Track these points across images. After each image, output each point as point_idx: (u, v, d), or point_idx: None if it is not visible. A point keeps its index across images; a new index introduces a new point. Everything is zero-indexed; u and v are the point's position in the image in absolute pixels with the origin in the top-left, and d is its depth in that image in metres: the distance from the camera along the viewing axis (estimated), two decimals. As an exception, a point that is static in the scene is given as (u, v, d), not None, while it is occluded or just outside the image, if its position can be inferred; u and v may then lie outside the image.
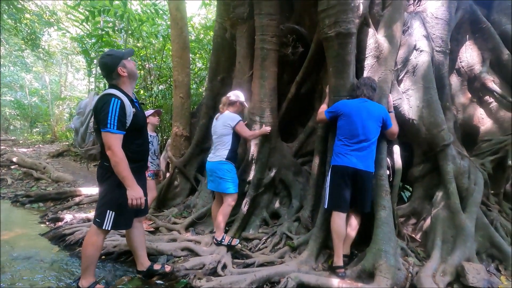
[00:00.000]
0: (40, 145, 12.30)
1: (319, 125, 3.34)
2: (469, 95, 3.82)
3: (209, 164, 3.16)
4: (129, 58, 2.31)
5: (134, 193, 2.12)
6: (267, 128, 3.36)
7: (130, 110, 2.17)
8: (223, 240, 3.05)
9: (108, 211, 2.22)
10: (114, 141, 2.08)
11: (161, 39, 7.94)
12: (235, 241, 3.06)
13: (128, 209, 2.23)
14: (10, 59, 15.94)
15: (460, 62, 3.83)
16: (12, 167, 7.30)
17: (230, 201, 3.08)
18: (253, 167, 3.58)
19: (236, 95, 3.21)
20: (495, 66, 3.73)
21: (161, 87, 8.38)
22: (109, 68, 2.24)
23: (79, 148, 2.61)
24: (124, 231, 3.44)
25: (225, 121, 3.08)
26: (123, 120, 2.12)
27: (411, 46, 3.28)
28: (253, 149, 3.59)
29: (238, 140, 3.19)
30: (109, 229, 2.25)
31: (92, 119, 2.37)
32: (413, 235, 3.22)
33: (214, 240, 3.09)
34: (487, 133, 3.67)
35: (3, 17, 9.51)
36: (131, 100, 2.23)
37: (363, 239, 2.96)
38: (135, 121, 2.22)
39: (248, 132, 3.19)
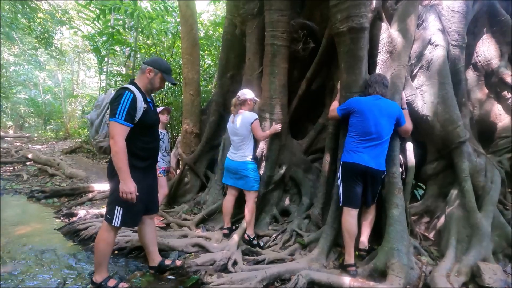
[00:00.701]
0: (54, 142, 12.60)
1: (330, 122, 3.30)
2: (486, 91, 3.71)
3: (233, 163, 3.23)
4: (163, 80, 2.39)
5: (126, 188, 2.12)
6: (277, 127, 3.36)
7: (141, 105, 2.19)
8: (254, 239, 3.17)
9: (117, 207, 2.24)
10: (119, 130, 2.10)
11: (170, 36, 7.98)
12: (261, 242, 3.21)
13: (136, 207, 2.26)
14: (24, 57, 16.31)
15: (477, 56, 3.71)
16: (28, 163, 7.51)
17: (254, 198, 3.21)
18: (263, 164, 3.57)
19: (244, 93, 3.24)
20: (514, 60, 3.61)
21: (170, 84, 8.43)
22: (147, 62, 2.35)
23: (92, 139, 2.68)
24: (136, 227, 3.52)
25: (245, 122, 3.13)
26: (132, 113, 2.14)
27: (425, 41, 3.20)
28: (263, 146, 3.58)
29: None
30: (118, 225, 2.27)
31: (108, 111, 2.43)
32: (426, 234, 3.16)
33: (246, 236, 3.17)
34: (504, 130, 3.56)
35: (17, 16, 9.71)
36: (144, 98, 2.26)
37: (375, 238, 2.92)
38: (144, 117, 2.22)
39: (261, 133, 3.21)
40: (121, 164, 2.11)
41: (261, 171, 3.56)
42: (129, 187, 2.13)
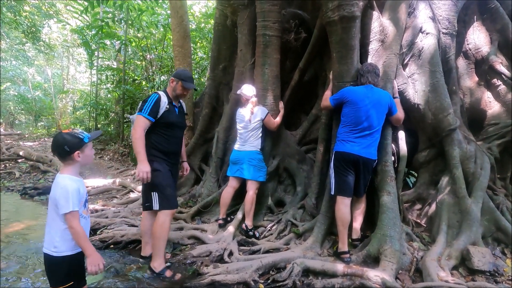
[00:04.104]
0: (46, 139, 12.41)
1: (323, 113, 3.31)
2: (476, 78, 3.74)
3: (241, 153, 3.31)
4: (184, 87, 2.68)
5: (142, 167, 2.39)
6: (281, 106, 3.56)
7: (164, 104, 2.55)
8: (253, 230, 3.20)
9: (152, 193, 2.52)
10: (141, 122, 2.46)
11: (161, 29, 7.86)
12: (257, 233, 3.25)
13: (167, 190, 2.50)
14: (12, 53, 15.90)
15: (468, 44, 3.73)
16: (19, 160, 7.40)
17: (256, 189, 3.26)
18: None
19: (244, 93, 3.32)
20: (504, 47, 3.62)
21: (163, 77, 8.34)
22: (173, 74, 2.76)
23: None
24: (132, 221, 3.52)
25: (255, 115, 3.28)
26: (155, 110, 2.49)
27: (416, 29, 3.20)
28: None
29: (266, 130, 3.40)
30: (158, 209, 2.50)
31: None
32: (418, 221, 3.23)
33: (244, 226, 3.19)
34: (494, 117, 3.60)
35: (2, 10, 9.44)
36: (170, 102, 2.63)
37: (369, 225, 2.97)
38: (166, 115, 2.56)
39: (274, 123, 3.38)
40: (139, 149, 2.42)
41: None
42: (144, 166, 2.40)
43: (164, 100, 2.57)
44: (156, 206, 2.52)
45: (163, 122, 2.57)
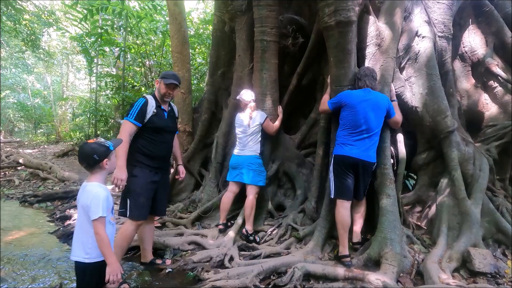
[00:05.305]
0: (45, 146, 12.41)
1: (321, 116, 3.33)
2: (473, 81, 3.77)
3: (240, 157, 3.32)
4: (166, 85, 2.60)
5: (119, 174, 2.30)
6: (279, 111, 3.59)
7: (151, 109, 2.51)
8: (253, 235, 3.19)
9: (127, 199, 2.46)
10: (126, 127, 2.43)
11: (160, 35, 7.92)
12: (257, 238, 3.24)
13: (140, 200, 2.43)
14: (11, 61, 15.98)
15: (463, 47, 3.77)
16: (19, 168, 7.39)
17: (256, 193, 3.25)
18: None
19: (243, 98, 3.34)
20: (499, 50, 3.67)
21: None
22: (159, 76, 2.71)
23: None
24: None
25: (254, 120, 3.30)
26: (141, 115, 2.46)
27: (412, 33, 3.24)
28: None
29: (265, 135, 3.41)
30: (128, 217, 2.42)
31: None
32: (419, 223, 3.22)
33: (245, 231, 3.18)
34: (492, 119, 3.63)
35: (2, 19, 9.51)
36: (158, 105, 2.59)
37: (369, 228, 2.97)
38: (153, 119, 2.52)
39: (272, 127, 3.40)
40: (121, 153, 2.34)
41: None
42: (121, 173, 2.31)
43: (151, 104, 2.53)
44: (128, 213, 2.45)
45: (151, 127, 2.53)
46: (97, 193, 1.69)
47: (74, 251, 1.72)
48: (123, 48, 8.15)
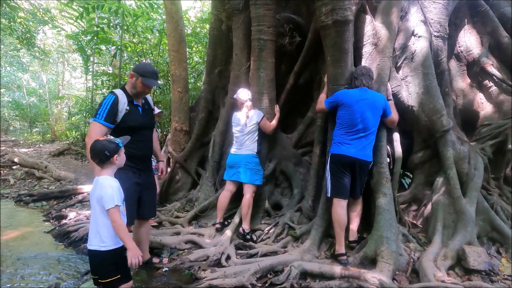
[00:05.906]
0: (41, 145, 12.32)
1: (318, 115, 3.33)
2: (469, 80, 3.80)
3: (237, 156, 3.32)
4: (144, 84, 2.36)
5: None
6: (276, 110, 3.58)
7: (123, 107, 2.27)
8: (250, 234, 3.18)
9: None
10: (96, 129, 2.20)
11: (157, 34, 7.88)
12: (254, 237, 3.23)
13: (126, 205, 2.23)
14: (6, 59, 15.81)
15: (459, 46, 3.79)
16: (14, 167, 7.33)
17: (253, 192, 3.26)
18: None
19: (239, 97, 3.33)
20: (494, 49, 3.70)
21: (159, 82, 8.33)
22: (133, 68, 2.45)
23: None
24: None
25: (251, 119, 3.30)
26: (112, 114, 2.22)
27: (409, 32, 3.25)
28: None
29: (262, 134, 3.42)
30: None
31: None
32: (414, 222, 3.25)
33: (241, 230, 3.17)
34: (487, 118, 3.66)
35: (-3, 16, 9.41)
36: (130, 101, 2.34)
37: (365, 227, 2.98)
38: (126, 119, 2.29)
39: (269, 126, 3.41)
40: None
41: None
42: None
43: (123, 101, 2.26)
44: None
45: (125, 127, 2.26)
46: (110, 184, 1.79)
47: (91, 240, 1.82)
48: (119, 47, 8.09)
